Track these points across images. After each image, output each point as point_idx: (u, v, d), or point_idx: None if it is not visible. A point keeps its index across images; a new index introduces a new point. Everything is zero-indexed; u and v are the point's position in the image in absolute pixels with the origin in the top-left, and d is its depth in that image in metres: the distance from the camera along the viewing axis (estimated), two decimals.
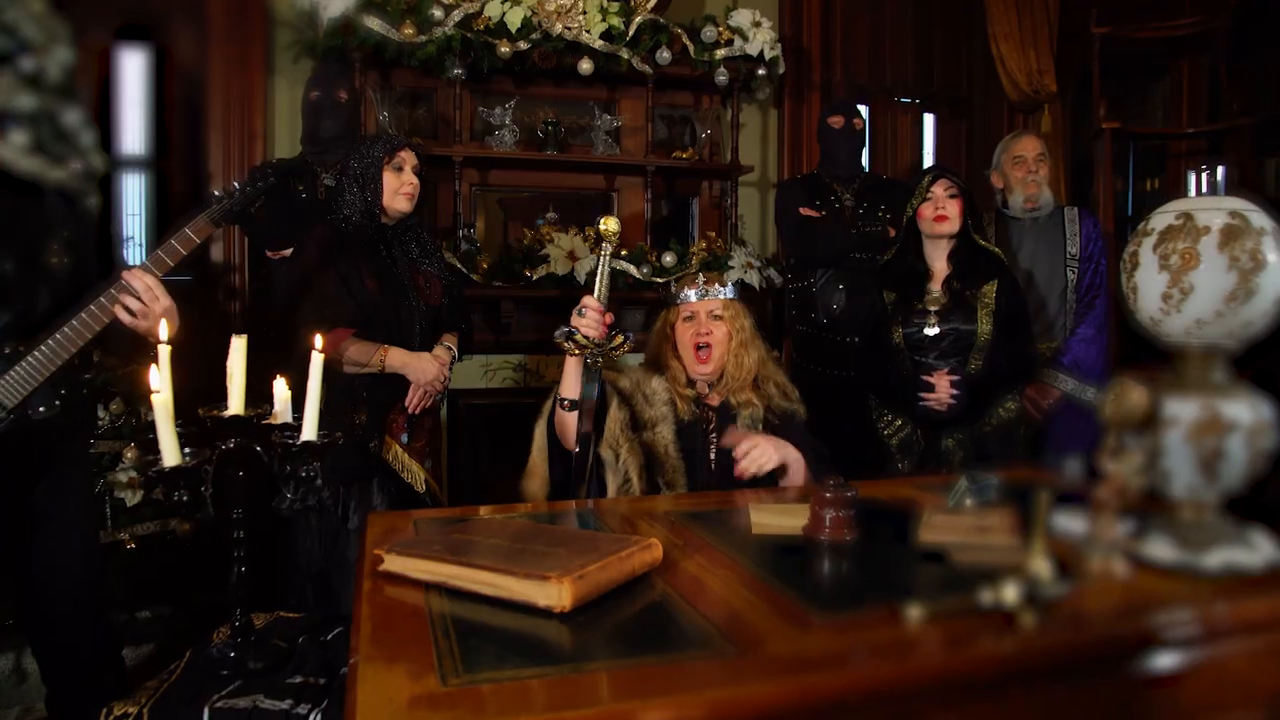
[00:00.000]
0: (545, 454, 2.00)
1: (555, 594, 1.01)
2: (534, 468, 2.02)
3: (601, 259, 1.83)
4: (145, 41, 3.44)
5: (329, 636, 1.49)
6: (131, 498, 2.67)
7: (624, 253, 3.47)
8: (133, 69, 3.45)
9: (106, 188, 3.38)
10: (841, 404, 2.76)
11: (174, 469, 1.19)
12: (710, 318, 2.06)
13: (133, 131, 3.48)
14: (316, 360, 1.36)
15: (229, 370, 1.32)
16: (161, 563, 2.78)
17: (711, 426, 2.03)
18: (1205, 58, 3.88)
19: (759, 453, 1.81)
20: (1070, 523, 1.35)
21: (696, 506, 1.65)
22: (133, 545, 2.67)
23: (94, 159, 2.89)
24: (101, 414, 2.67)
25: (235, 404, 1.31)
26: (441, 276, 2.50)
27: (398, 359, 2.32)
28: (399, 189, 2.34)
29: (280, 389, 1.39)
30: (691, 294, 2.09)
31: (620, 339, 1.83)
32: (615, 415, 1.96)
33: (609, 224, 1.80)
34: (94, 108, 3.33)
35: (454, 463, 3.46)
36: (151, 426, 1.40)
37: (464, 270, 3.24)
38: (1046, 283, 2.87)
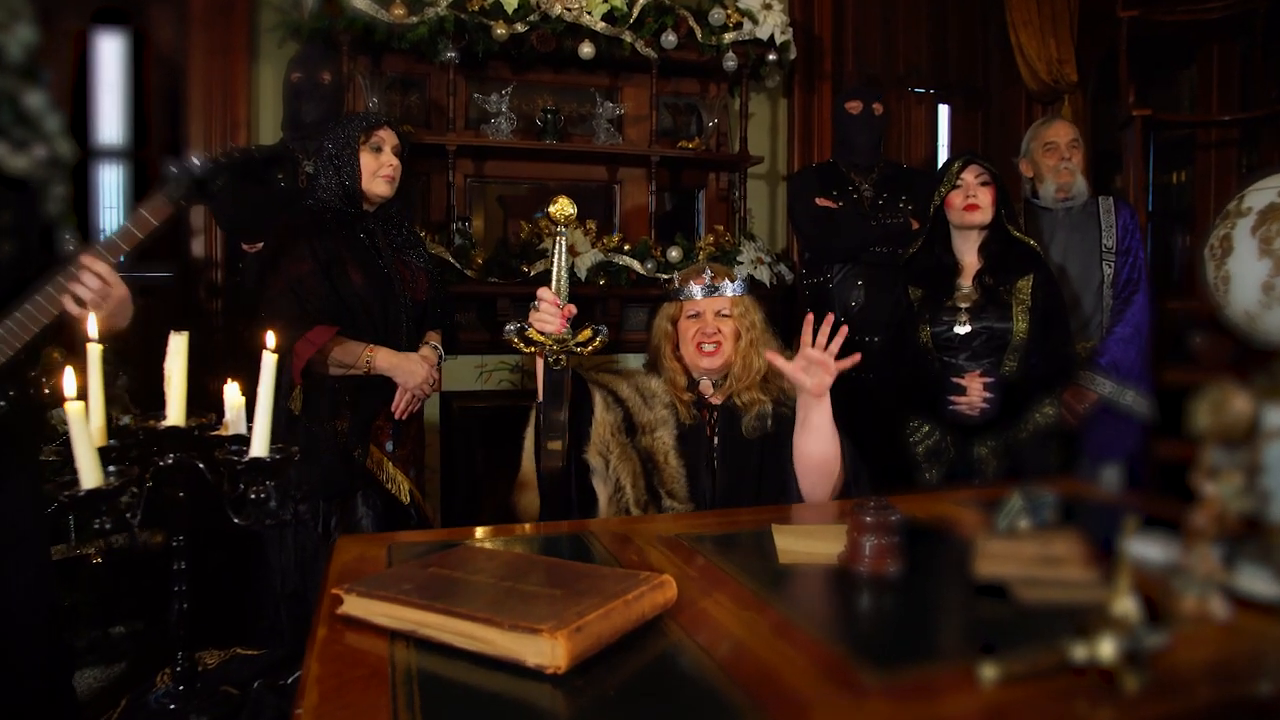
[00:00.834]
0: (534, 463, 1.82)
1: (548, 651, 0.82)
2: (526, 478, 1.84)
3: (556, 246, 1.61)
4: (123, 25, 3.30)
5: (289, 680, 1.30)
6: None
7: (626, 247, 3.30)
8: (109, 54, 3.33)
9: (82, 179, 3.23)
10: (861, 409, 2.56)
11: (92, 492, 1.00)
12: (718, 317, 1.90)
13: (109, 120, 3.34)
14: (268, 362, 1.16)
15: (166, 374, 1.12)
16: (134, 576, 2.62)
17: (714, 430, 1.88)
18: (1238, 43, 3.69)
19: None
20: (1143, 549, 1.16)
21: (707, 528, 1.46)
22: (99, 560, 2.48)
23: (60, 146, 2.72)
24: None
25: (174, 414, 1.11)
26: (426, 269, 2.32)
27: (385, 360, 2.14)
28: (377, 170, 2.15)
29: (232, 395, 1.19)
30: (697, 290, 1.92)
31: (589, 333, 1.62)
32: (604, 418, 1.79)
33: (562, 206, 1.58)
34: (68, 94, 3.19)
35: (447, 469, 3.30)
36: (118, 433, 1.22)
37: (457, 266, 3.07)
38: (1081, 278, 2.67)
